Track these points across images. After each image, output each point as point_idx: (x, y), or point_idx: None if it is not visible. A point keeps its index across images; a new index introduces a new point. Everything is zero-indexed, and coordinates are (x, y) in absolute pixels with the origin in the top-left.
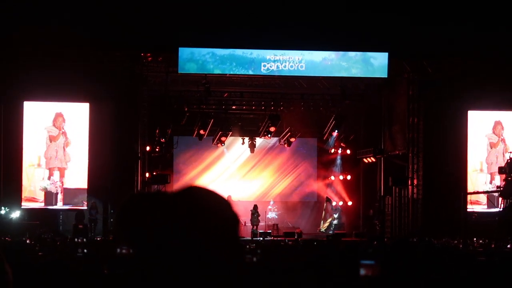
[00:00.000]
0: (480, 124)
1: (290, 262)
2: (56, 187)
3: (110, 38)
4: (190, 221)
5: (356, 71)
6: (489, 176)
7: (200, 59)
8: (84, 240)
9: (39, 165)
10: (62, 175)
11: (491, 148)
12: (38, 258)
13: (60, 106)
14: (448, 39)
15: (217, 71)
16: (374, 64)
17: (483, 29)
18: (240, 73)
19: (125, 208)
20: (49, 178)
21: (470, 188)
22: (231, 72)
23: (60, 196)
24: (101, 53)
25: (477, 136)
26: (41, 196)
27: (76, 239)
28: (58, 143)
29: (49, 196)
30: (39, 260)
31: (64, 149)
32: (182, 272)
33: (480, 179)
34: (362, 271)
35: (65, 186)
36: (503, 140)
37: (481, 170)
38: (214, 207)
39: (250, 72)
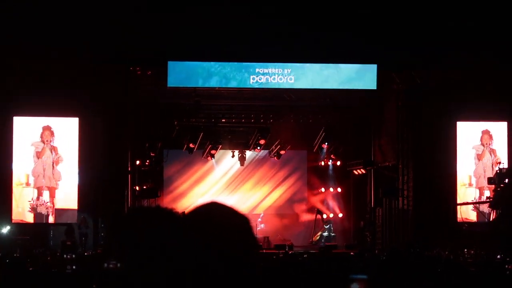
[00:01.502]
0: (468, 135)
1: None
2: (46, 208)
3: (99, 52)
4: (203, 239)
5: (345, 83)
6: (477, 191)
7: (189, 73)
8: (73, 256)
9: (27, 184)
10: (52, 195)
11: (478, 160)
12: (30, 274)
13: (49, 120)
14: (437, 50)
15: (206, 84)
16: (363, 76)
17: (472, 39)
18: (229, 86)
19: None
20: (38, 199)
21: (458, 211)
22: (221, 85)
23: (51, 218)
24: (90, 67)
25: (465, 148)
26: (30, 218)
27: (64, 256)
28: (46, 160)
29: (39, 218)
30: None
31: (53, 167)
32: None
33: (469, 194)
34: (355, 286)
35: (56, 207)
36: (492, 151)
37: (470, 184)
38: (232, 228)
39: (239, 85)
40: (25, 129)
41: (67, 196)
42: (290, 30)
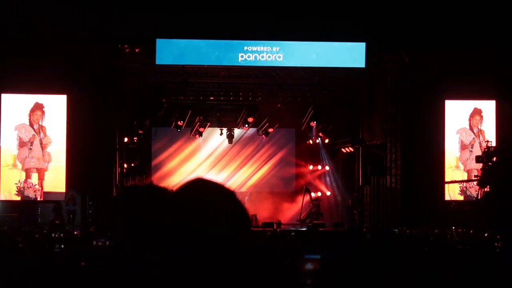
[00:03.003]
0: (457, 114)
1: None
2: (34, 191)
3: (87, 30)
4: (192, 215)
5: (334, 61)
6: (465, 174)
7: (177, 50)
8: (61, 235)
9: (14, 165)
10: (41, 177)
11: (462, 150)
12: (20, 250)
13: (38, 98)
14: (426, 29)
15: (194, 62)
16: (351, 54)
17: (461, 18)
18: (217, 63)
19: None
20: (25, 181)
21: (447, 190)
22: (209, 63)
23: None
24: (78, 44)
25: (453, 130)
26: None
27: (53, 234)
28: (34, 141)
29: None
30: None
31: (42, 148)
32: (179, 266)
33: (456, 176)
34: (309, 266)
35: (45, 189)
36: (480, 132)
37: (457, 166)
38: (223, 199)
39: (228, 63)
40: (14, 107)
41: (57, 178)
42: (279, 8)
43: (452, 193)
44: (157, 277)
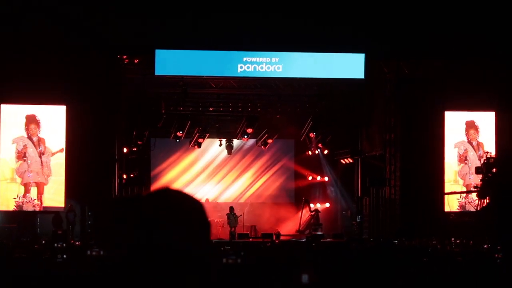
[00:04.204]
0: (456, 125)
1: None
2: (33, 206)
3: (87, 40)
4: (158, 223)
5: (333, 73)
6: (464, 188)
7: (176, 61)
8: (64, 245)
9: (12, 179)
10: (40, 192)
11: (460, 163)
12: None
13: (35, 109)
14: (425, 40)
15: (194, 73)
16: (351, 65)
17: (459, 29)
18: (216, 74)
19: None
20: (24, 196)
21: (446, 203)
22: (208, 74)
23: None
24: (77, 55)
25: (452, 141)
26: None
27: (55, 244)
28: (32, 155)
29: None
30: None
31: (41, 161)
32: (151, 275)
33: (455, 190)
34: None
35: (44, 204)
36: (479, 145)
37: (456, 181)
38: (185, 209)
39: (227, 74)
40: (12, 118)
41: (57, 192)
42: (278, 19)
43: (451, 209)
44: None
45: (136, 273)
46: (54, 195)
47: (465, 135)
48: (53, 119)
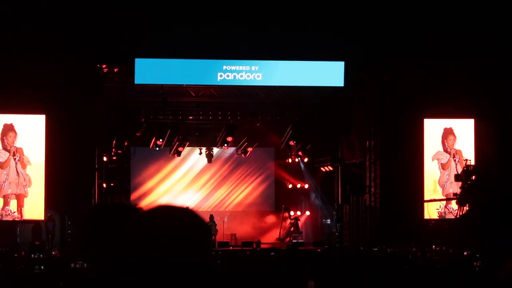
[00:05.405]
0: (435, 133)
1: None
2: (13, 218)
3: (67, 49)
4: (156, 243)
5: (312, 81)
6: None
7: (156, 70)
8: (41, 256)
9: None
10: (20, 204)
11: (443, 169)
12: None
13: (13, 118)
14: (405, 48)
15: (173, 81)
16: (330, 73)
17: (439, 38)
18: (196, 83)
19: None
20: (3, 208)
21: (426, 213)
22: (188, 82)
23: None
24: (56, 64)
25: (432, 149)
26: None
27: (32, 255)
28: (10, 165)
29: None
30: None
31: (18, 172)
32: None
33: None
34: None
35: (24, 217)
36: (457, 152)
37: (435, 190)
38: (183, 218)
39: (207, 82)
40: None
41: (37, 204)
42: (258, 27)
43: (430, 217)
44: None
45: (124, 284)
46: (35, 207)
47: (442, 143)
48: (31, 129)
